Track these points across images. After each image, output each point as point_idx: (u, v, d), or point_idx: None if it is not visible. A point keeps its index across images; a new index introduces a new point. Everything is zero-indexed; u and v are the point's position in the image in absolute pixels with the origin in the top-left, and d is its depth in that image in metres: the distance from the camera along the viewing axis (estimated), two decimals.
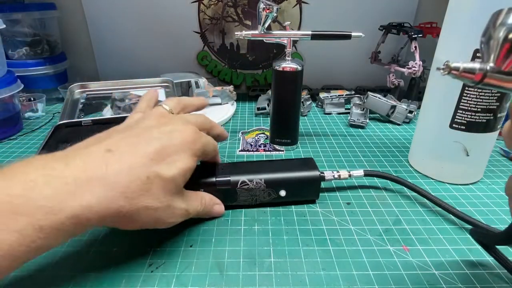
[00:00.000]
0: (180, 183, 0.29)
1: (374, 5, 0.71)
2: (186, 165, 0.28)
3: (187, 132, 0.30)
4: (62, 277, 0.28)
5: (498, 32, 0.16)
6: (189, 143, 0.29)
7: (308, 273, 0.29)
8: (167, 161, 0.27)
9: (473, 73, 0.17)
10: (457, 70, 0.17)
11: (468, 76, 0.17)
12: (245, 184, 0.35)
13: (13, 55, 0.67)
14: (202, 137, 0.32)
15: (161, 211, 0.27)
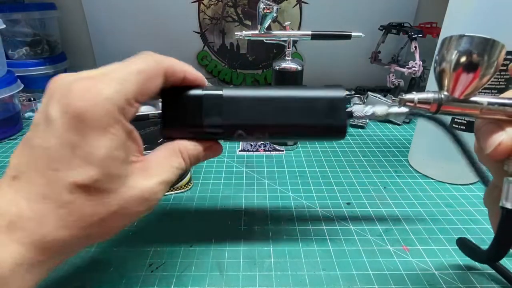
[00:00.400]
0: (117, 170, 0.20)
1: (374, 5, 0.71)
2: (104, 148, 0.19)
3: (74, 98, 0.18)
4: (62, 277, 0.28)
5: (449, 58, 0.16)
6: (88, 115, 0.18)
7: (308, 273, 0.29)
8: (78, 161, 0.18)
9: (429, 103, 0.17)
10: (411, 102, 0.17)
11: (424, 107, 0.17)
12: (242, 137, 0.25)
13: (13, 55, 0.67)
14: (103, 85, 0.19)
15: (120, 211, 0.20)
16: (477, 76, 0.15)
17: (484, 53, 0.15)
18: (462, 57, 0.15)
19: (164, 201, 0.38)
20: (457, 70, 0.15)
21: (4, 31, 0.58)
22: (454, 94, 0.16)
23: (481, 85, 0.16)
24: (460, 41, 0.15)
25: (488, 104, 0.16)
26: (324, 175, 0.44)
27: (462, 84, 0.16)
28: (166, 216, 0.36)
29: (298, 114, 0.25)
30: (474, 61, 0.15)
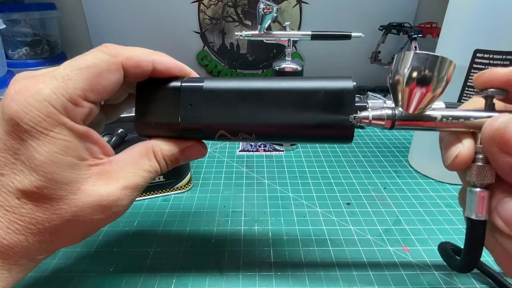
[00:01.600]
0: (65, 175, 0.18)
1: (374, 5, 0.71)
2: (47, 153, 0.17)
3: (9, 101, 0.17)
4: (61, 277, 0.28)
5: (402, 74, 0.16)
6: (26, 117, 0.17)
7: (308, 273, 0.29)
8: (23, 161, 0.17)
9: (383, 119, 0.17)
10: (366, 119, 0.17)
11: (379, 123, 0.17)
12: (225, 137, 0.22)
13: (13, 55, 0.67)
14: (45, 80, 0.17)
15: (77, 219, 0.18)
16: (429, 91, 0.16)
17: (434, 69, 0.15)
18: (414, 72, 0.15)
19: (164, 201, 0.38)
20: (410, 85, 0.16)
21: (4, 31, 0.58)
22: (408, 109, 0.16)
23: (433, 100, 0.16)
24: (412, 58, 0.16)
25: (442, 118, 0.17)
26: (324, 175, 0.44)
27: (415, 99, 0.16)
28: (166, 216, 0.36)
29: (293, 110, 0.21)
30: (425, 76, 0.15)
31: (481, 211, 0.16)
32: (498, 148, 0.14)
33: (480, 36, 0.35)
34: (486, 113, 0.16)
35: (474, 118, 0.16)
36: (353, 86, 0.20)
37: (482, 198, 0.16)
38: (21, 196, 0.17)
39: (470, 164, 0.16)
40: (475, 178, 0.16)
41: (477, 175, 0.16)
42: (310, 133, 0.21)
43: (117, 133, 0.40)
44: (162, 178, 0.39)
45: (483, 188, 0.16)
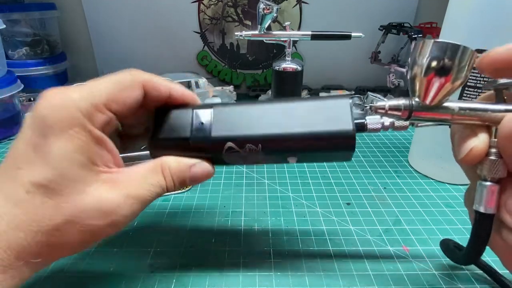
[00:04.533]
0: (72, 174, 0.19)
1: (374, 5, 0.71)
2: (60, 150, 0.19)
3: (41, 104, 0.19)
4: (61, 278, 0.28)
5: (420, 63, 0.15)
6: (49, 118, 0.19)
7: (308, 273, 0.29)
8: (37, 159, 0.19)
9: (400, 110, 0.17)
10: (382, 109, 0.17)
11: (395, 113, 0.17)
12: (233, 150, 0.23)
13: (13, 55, 0.67)
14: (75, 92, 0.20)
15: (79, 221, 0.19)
16: (448, 81, 0.15)
17: (455, 58, 0.15)
18: (433, 61, 0.15)
19: (164, 201, 0.38)
20: (428, 75, 0.15)
21: (4, 31, 0.58)
22: (425, 100, 0.16)
23: (452, 91, 0.16)
24: (431, 47, 0.15)
25: (460, 110, 0.16)
26: (324, 175, 0.44)
27: (433, 90, 0.16)
28: (166, 216, 0.36)
29: (294, 123, 0.23)
30: (445, 66, 0.15)
31: (490, 204, 0.16)
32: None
33: (480, 36, 0.35)
34: (503, 106, 0.16)
35: (491, 111, 0.16)
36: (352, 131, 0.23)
37: (492, 192, 0.16)
38: (31, 188, 0.18)
39: (483, 157, 0.16)
40: (486, 172, 0.16)
41: (489, 169, 0.16)
42: (313, 144, 0.23)
43: None
44: None
45: (494, 182, 0.16)
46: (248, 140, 0.23)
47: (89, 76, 0.71)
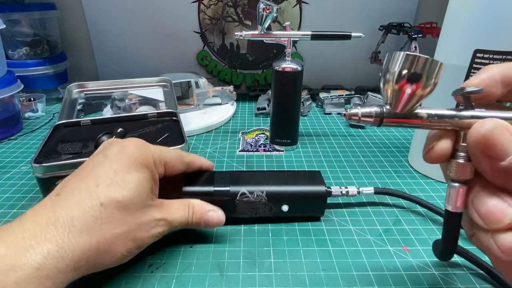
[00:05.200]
0: (141, 197, 0.26)
1: (374, 5, 0.71)
2: (138, 178, 0.26)
3: (130, 146, 0.28)
4: None
5: (392, 72, 0.16)
6: (134, 156, 0.27)
7: (308, 273, 0.29)
8: (117, 181, 0.25)
9: (371, 117, 0.18)
10: (356, 116, 0.18)
11: (368, 120, 0.18)
12: (245, 196, 0.33)
13: (13, 55, 0.67)
14: (150, 146, 0.30)
15: (134, 232, 0.25)
16: (417, 90, 0.16)
17: (423, 69, 0.16)
18: (404, 71, 0.16)
19: None
20: (399, 85, 0.16)
21: (4, 31, 0.58)
22: (397, 108, 0.17)
23: (420, 100, 0.17)
24: (402, 58, 0.16)
25: (428, 117, 0.17)
26: (324, 175, 0.43)
27: (403, 98, 0.16)
28: None
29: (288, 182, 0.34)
30: (415, 76, 0.16)
31: (458, 204, 0.17)
32: (482, 153, 0.15)
33: (480, 36, 0.35)
34: (470, 113, 0.17)
35: (458, 118, 0.17)
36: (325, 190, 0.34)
37: (460, 192, 0.17)
38: (106, 202, 0.24)
39: (447, 159, 0.17)
40: (454, 174, 0.17)
41: (456, 171, 0.17)
42: (297, 195, 0.33)
43: (117, 132, 0.40)
44: None
45: (461, 183, 0.17)
46: (256, 189, 0.33)
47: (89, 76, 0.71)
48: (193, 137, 0.55)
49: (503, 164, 0.14)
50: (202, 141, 0.53)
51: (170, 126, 0.46)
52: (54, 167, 0.35)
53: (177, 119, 0.47)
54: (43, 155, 0.37)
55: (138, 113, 0.49)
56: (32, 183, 0.41)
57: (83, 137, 0.42)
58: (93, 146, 0.40)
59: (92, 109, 0.64)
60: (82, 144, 0.41)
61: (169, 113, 0.49)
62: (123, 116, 0.48)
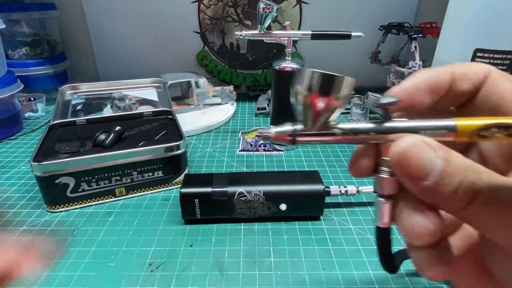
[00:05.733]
0: None
1: (374, 5, 0.71)
2: None
3: None
4: (62, 276, 0.28)
5: (299, 91, 0.16)
6: None
7: (308, 272, 0.29)
8: None
9: (284, 136, 0.17)
10: (270, 137, 0.17)
11: (282, 139, 0.17)
12: (243, 195, 0.33)
13: (13, 55, 0.67)
14: None
15: None
16: (326, 107, 0.16)
17: (331, 86, 0.15)
18: (311, 90, 0.15)
19: (164, 201, 0.38)
20: (307, 103, 0.16)
21: (4, 31, 0.58)
22: (307, 125, 0.17)
23: (330, 116, 0.16)
24: (307, 76, 0.15)
25: (342, 132, 0.17)
26: (324, 175, 0.43)
27: (313, 116, 0.16)
28: (166, 216, 0.36)
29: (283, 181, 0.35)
30: (321, 94, 0.15)
31: (384, 219, 0.16)
32: (403, 173, 0.14)
33: (480, 36, 0.35)
34: (386, 125, 0.16)
35: (374, 132, 0.16)
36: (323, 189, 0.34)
37: (385, 207, 0.16)
38: None
39: (371, 173, 0.17)
40: (378, 189, 0.16)
41: (380, 187, 0.16)
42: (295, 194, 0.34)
43: (114, 130, 0.40)
44: (161, 174, 0.39)
45: (387, 198, 0.16)
46: (253, 188, 0.33)
47: (89, 76, 0.71)
48: (193, 137, 0.55)
49: (426, 184, 0.13)
50: (202, 141, 0.53)
51: (167, 124, 0.46)
52: (53, 165, 0.35)
53: (173, 117, 0.47)
54: (41, 154, 0.37)
55: (133, 112, 0.49)
56: (32, 182, 0.41)
57: (80, 136, 0.42)
58: (90, 144, 0.40)
59: (92, 109, 0.64)
60: (79, 143, 0.41)
61: (164, 112, 0.49)
62: (119, 115, 0.48)
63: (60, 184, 0.35)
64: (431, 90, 0.16)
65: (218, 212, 0.34)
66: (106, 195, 0.38)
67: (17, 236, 0.33)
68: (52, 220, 0.35)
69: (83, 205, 0.37)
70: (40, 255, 0.22)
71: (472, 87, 0.16)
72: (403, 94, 0.16)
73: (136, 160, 0.38)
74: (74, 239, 0.32)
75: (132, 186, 0.39)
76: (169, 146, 0.39)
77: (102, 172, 0.37)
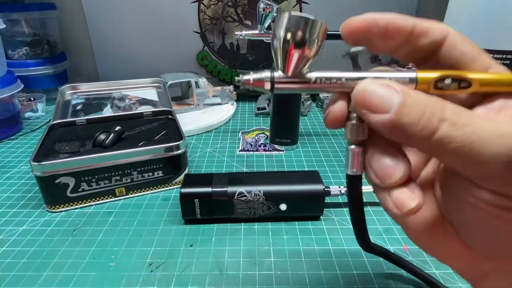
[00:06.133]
0: None
1: (374, 5, 0.72)
2: None
3: None
4: (62, 276, 0.28)
5: (278, 36, 0.16)
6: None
7: (308, 272, 0.29)
8: None
9: (263, 82, 0.18)
10: (249, 82, 0.18)
11: (260, 85, 0.18)
12: (243, 195, 0.33)
13: (13, 55, 0.67)
14: None
15: None
16: (303, 52, 0.16)
17: (306, 30, 0.16)
18: (288, 34, 0.16)
19: (164, 201, 0.38)
20: (285, 47, 0.16)
21: (4, 31, 0.58)
22: (286, 71, 0.17)
23: (308, 61, 0.17)
24: (286, 20, 0.16)
25: (316, 79, 0.17)
26: (324, 175, 0.43)
27: (290, 61, 0.17)
28: (166, 216, 0.36)
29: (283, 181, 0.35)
30: (298, 38, 0.16)
31: (355, 166, 0.17)
32: (366, 109, 0.15)
33: (480, 36, 0.35)
34: (356, 74, 0.17)
35: (345, 79, 0.17)
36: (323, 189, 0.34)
37: (356, 154, 0.17)
38: None
39: (343, 122, 0.17)
40: (349, 136, 0.17)
41: (350, 133, 0.17)
42: (295, 194, 0.34)
43: (114, 130, 0.40)
44: (161, 174, 0.39)
45: (357, 145, 0.17)
46: (253, 188, 0.33)
47: (89, 76, 0.71)
48: (193, 137, 0.55)
49: (387, 117, 0.14)
50: (202, 141, 0.53)
51: (167, 124, 0.46)
52: (53, 165, 0.35)
53: (173, 117, 0.47)
54: (41, 154, 0.37)
55: (133, 112, 0.49)
56: (32, 182, 0.41)
57: (79, 136, 0.42)
58: (90, 144, 0.40)
59: (92, 109, 0.64)
60: (79, 143, 0.41)
61: (164, 112, 0.49)
62: (119, 115, 0.48)
63: (60, 184, 0.35)
64: (388, 32, 0.17)
65: (218, 212, 0.34)
66: (106, 195, 0.38)
67: (17, 236, 0.33)
68: (52, 220, 0.35)
69: (83, 205, 0.37)
70: None
71: (430, 43, 0.17)
72: (361, 21, 0.17)
73: (136, 160, 0.38)
74: (74, 239, 0.32)
75: (132, 186, 0.39)
76: (169, 146, 0.39)
77: (102, 172, 0.37)
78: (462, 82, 0.16)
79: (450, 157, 0.14)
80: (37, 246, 0.32)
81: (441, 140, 0.14)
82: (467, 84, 0.16)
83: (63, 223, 0.35)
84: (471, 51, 0.16)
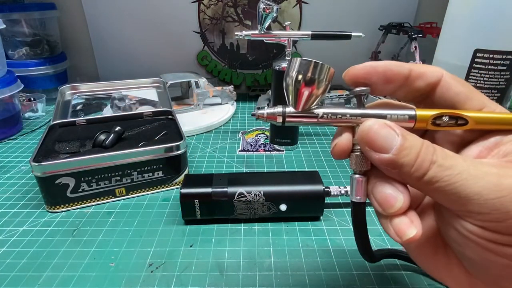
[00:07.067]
0: None
1: (374, 5, 0.71)
2: None
3: None
4: (62, 277, 0.28)
5: (290, 76, 0.18)
6: None
7: (308, 273, 0.29)
8: None
9: (275, 116, 0.20)
10: (263, 116, 0.20)
11: (273, 118, 0.20)
12: (243, 196, 0.33)
13: (13, 55, 0.67)
14: None
15: None
16: (312, 91, 0.18)
17: (315, 72, 0.18)
18: (299, 75, 0.18)
19: (164, 201, 0.38)
20: (296, 86, 0.18)
21: (4, 31, 0.58)
22: (297, 107, 0.19)
23: (316, 99, 0.19)
24: (297, 64, 0.18)
25: (323, 114, 0.19)
26: (324, 175, 0.43)
27: (300, 98, 0.19)
28: (166, 216, 0.36)
29: (283, 181, 0.35)
30: (308, 78, 0.18)
31: (358, 194, 0.19)
32: (368, 147, 0.17)
33: (480, 36, 0.35)
34: (359, 111, 0.19)
35: (349, 115, 0.19)
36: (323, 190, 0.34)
37: (360, 182, 0.18)
38: None
39: (349, 153, 0.19)
40: (353, 166, 0.19)
41: (355, 163, 0.18)
42: (295, 195, 0.34)
43: (114, 130, 0.40)
44: (161, 174, 0.39)
45: (361, 175, 0.18)
46: (253, 189, 0.33)
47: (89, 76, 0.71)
48: (193, 137, 0.55)
49: (389, 156, 0.16)
50: (202, 141, 0.53)
51: (167, 124, 0.46)
52: (53, 165, 0.35)
53: (173, 117, 0.47)
54: (41, 154, 0.37)
55: (133, 112, 0.49)
56: (32, 182, 0.41)
57: (79, 136, 0.42)
58: (90, 145, 0.40)
59: (92, 109, 0.64)
60: (79, 143, 0.41)
61: (164, 112, 0.49)
62: (119, 116, 0.48)
63: (60, 184, 0.35)
64: (387, 77, 0.19)
65: (218, 212, 0.34)
66: (106, 195, 0.38)
67: (17, 237, 0.33)
68: (52, 221, 0.35)
69: (83, 205, 0.37)
70: None
71: (426, 85, 0.18)
72: (361, 69, 0.19)
73: (136, 160, 0.38)
74: (74, 240, 0.32)
75: (132, 186, 0.39)
76: (169, 146, 0.39)
77: (102, 172, 0.37)
78: (459, 119, 0.18)
79: (437, 194, 0.16)
80: (37, 247, 0.32)
81: (430, 180, 0.15)
82: (464, 122, 0.17)
83: (63, 224, 0.35)
84: (465, 91, 0.18)
